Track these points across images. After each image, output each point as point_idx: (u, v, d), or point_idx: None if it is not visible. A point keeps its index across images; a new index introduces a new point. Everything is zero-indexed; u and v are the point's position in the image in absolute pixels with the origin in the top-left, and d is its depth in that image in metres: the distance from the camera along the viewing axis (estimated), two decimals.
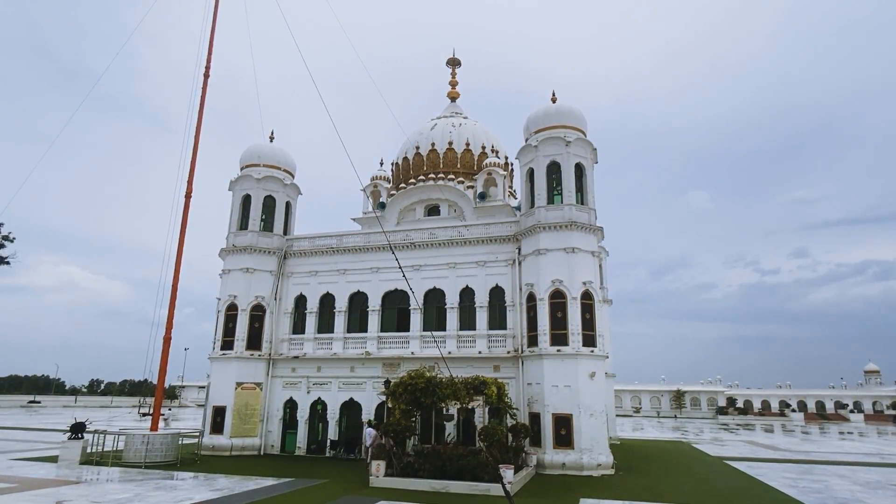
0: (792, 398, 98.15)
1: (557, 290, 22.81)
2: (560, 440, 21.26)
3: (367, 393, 25.59)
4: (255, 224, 28.80)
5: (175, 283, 24.78)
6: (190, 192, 25.95)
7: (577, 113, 25.77)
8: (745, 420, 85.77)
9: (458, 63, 39.70)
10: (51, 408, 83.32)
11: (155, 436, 22.10)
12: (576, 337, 22.18)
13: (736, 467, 24.35)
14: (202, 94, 27.02)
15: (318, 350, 27.15)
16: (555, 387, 21.80)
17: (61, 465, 21.09)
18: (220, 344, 27.14)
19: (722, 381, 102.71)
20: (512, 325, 24.35)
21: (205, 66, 27.33)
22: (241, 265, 27.96)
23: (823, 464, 26.28)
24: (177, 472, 20.05)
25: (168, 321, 24.27)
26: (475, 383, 18.84)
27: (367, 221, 33.38)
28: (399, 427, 18.15)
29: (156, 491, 16.28)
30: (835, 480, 20.51)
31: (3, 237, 30.63)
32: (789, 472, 22.99)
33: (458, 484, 16.93)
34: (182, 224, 25.51)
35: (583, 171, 24.87)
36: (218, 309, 27.92)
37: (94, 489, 16.46)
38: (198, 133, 26.72)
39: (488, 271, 25.43)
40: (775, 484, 19.29)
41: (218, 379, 26.70)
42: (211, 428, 25.82)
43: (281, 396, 26.92)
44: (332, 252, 28.33)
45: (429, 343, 25.39)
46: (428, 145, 34.59)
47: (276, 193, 29.67)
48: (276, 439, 26.51)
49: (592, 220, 24.29)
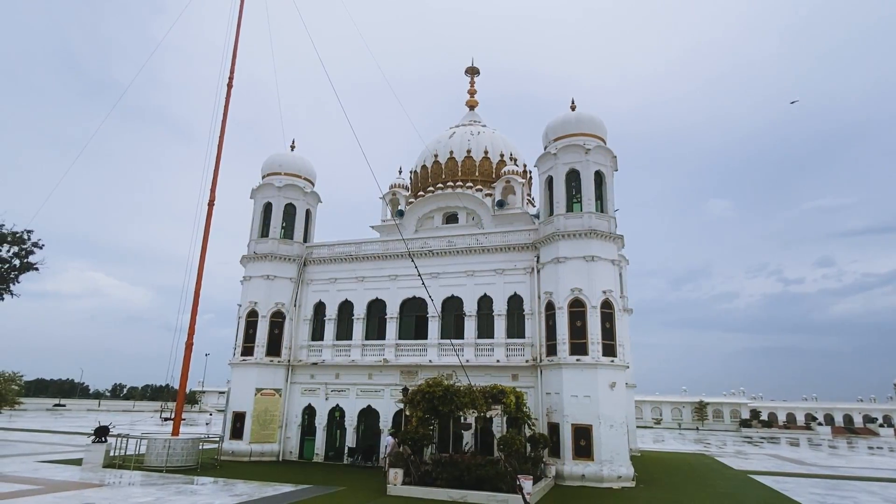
0: (818, 411, 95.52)
1: (577, 299, 22.62)
2: (580, 451, 20.99)
3: (385, 400, 25.60)
4: (276, 232, 29.13)
5: (197, 290, 25.17)
6: (213, 199, 26.38)
7: (596, 121, 25.65)
8: (770, 433, 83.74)
9: (477, 72, 39.86)
10: (75, 411, 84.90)
11: (176, 440, 22.37)
12: (595, 346, 21.94)
13: (761, 481, 23.76)
14: (226, 104, 27.54)
15: (337, 357, 27.27)
16: (574, 397, 21.56)
17: (85, 467, 21.44)
18: (241, 350, 27.43)
19: (745, 393, 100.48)
20: (530, 333, 24.18)
21: (228, 77, 27.86)
22: (261, 272, 28.27)
23: (852, 479, 25.50)
24: (197, 477, 20.23)
25: (190, 327, 24.64)
26: (493, 392, 18.73)
27: (385, 229, 33.54)
28: (416, 435, 18.10)
29: (176, 496, 16.45)
30: (864, 497, 19.90)
31: (34, 244, 31.42)
32: (816, 487, 22.36)
33: (476, 494, 16.79)
34: (205, 231, 25.95)
35: (602, 178, 24.70)
36: (239, 315, 28.24)
37: (116, 492, 16.69)
38: (221, 142, 27.21)
39: (506, 279, 25.33)
40: (802, 500, 18.76)
41: (238, 385, 26.96)
42: (231, 433, 26.04)
43: (300, 403, 27.06)
44: (351, 259, 28.51)
45: (447, 351, 25.35)
46: (446, 153, 34.70)
47: (297, 201, 30.00)
48: (294, 446, 26.63)
49: (612, 228, 24.08)
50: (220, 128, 27.30)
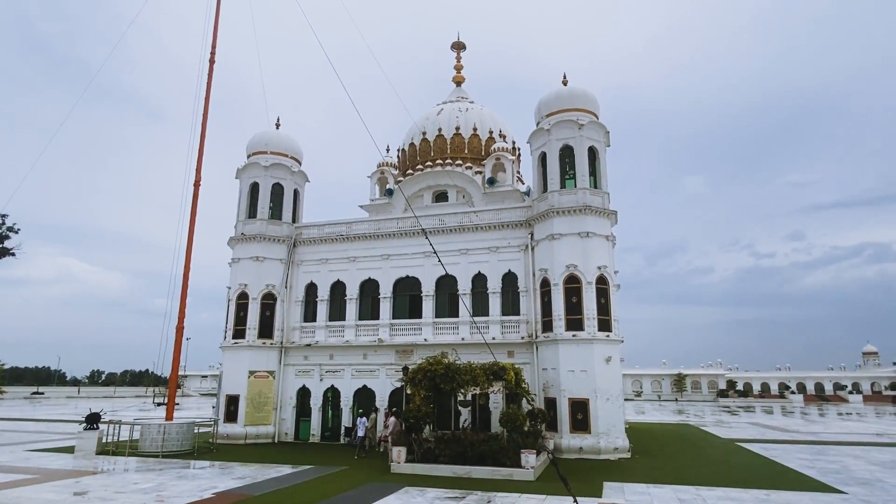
0: (791, 380, 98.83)
1: (572, 275, 22.71)
2: (577, 425, 21.30)
3: (381, 380, 25.57)
4: (264, 212, 28.53)
5: (186, 274, 24.62)
6: (198, 180, 25.68)
7: (589, 95, 25.49)
8: (746, 402, 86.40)
9: (464, 47, 39.19)
10: (54, 399, 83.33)
11: (171, 425, 22.06)
12: (591, 322, 22.13)
13: (749, 449, 24.47)
14: (208, 81, 26.63)
15: (331, 338, 27.06)
16: (571, 372, 21.79)
17: (78, 455, 21.03)
18: (232, 333, 27.02)
19: (722, 365, 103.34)
20: (525, 310, 24.26)
21: (210, 52, 26.90)
22: (250, 254, 27.75)
23: (834, 444, 26.44)
24: (194, 461, 20.05)
25: (180, 311, 24.16)
26: (494, 369, 18.80)
27: (374, 208, 33.15)
28: (419, 413, 18.12)
29: (178, 480, 16.24)
30: (850, 461, 20.64)
31: (8, 228, 30.27)
32: (803, 453, 23.12)
33: (480, 469, 16.94)
34: (192, 213, 25.28)
35: (596, 154, 24.65)
36: (228, 298, 27.76)
37: (115, 479, 16.41)
38: (205, 121, 26.41)
39: (500, 257, 25.29)
40: (793, 465, 19.39)
41: (230, 368, 26.62)
42: (225, 416, 25.79)
43: (294, 384, 26.87)
44: (342, 240, 28.13)
45: (441, 330, 25.34)
46: (435, 131, 34.24)
47: (285, 181, 29.37)
48: (289, 427, 26.51)
49: (606, 203, 24.13)
50: (204, 106, 26.45)
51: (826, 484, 15.78)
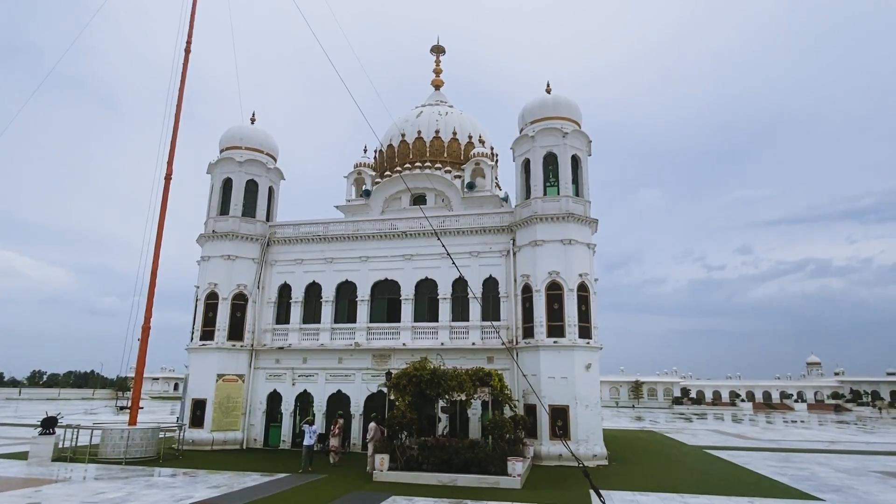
0: (741, 388, 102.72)
1: (554, 282, 22.79)
2: (557, 432, 21.28)
3: (357, 385, 24.96)
4: (237, 209, 27.49)
5: (154, 272, 23.53)
6: (170, 173, 24.59)
7: (572, 104, 25.74)
8: (700, 409, 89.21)
9: (443, 50, 39.02)
10: None
11: (135, 430, 20.90)
12: (572, 329, 22.23)
13: (718, 456, 25.08)
14: (183, 71, 25.58)
15: (304, 341, 26.27)
16: (551, 378, 21.80)
17: (32, 462, 19.62)
18: (200, 334, 25.87)
19: (677, 373, 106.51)
20: (506, 316, 24.18)
21: (186, 41, 25.84)
22: (221, 252, 26.69)
23: (796, 452, 27.41)
24: (160, 469, 18.99)
25: (147, 310, 23.06)
26: (480, 374, 18.60)
27: (351, 209, 32.51)
28: (404, 420, 17.69)
29: (149, 489, 15.31)
30: (816, 468, 21.36)
31: None
32: (770, 460, 23.80)
33: (466, 477, 16.66)
34: (161, 208, 24.17)
35: (578, 162, 24.87)
36: (197, 297, 26.61)
37: (78, 488, 15.34)
38: (178, 113, 25.36)
39: (481, 262, 25.15)
40: (765, 472, 19.91)
41: (197, 371, 25.47)
42: (191, 421, 24.62)
43: (264, 389, 25.93)
44: (319, 240, 27.42)
45: (420, 334, 24.98)
46: (414, 133, 33.90)
47: (259, 178, 28.43)
48: (259, 433, 25.55)
49: (588, 212, 24.36)
50: (178, 98, 25.35)
51: (803, 491, 16.23)
